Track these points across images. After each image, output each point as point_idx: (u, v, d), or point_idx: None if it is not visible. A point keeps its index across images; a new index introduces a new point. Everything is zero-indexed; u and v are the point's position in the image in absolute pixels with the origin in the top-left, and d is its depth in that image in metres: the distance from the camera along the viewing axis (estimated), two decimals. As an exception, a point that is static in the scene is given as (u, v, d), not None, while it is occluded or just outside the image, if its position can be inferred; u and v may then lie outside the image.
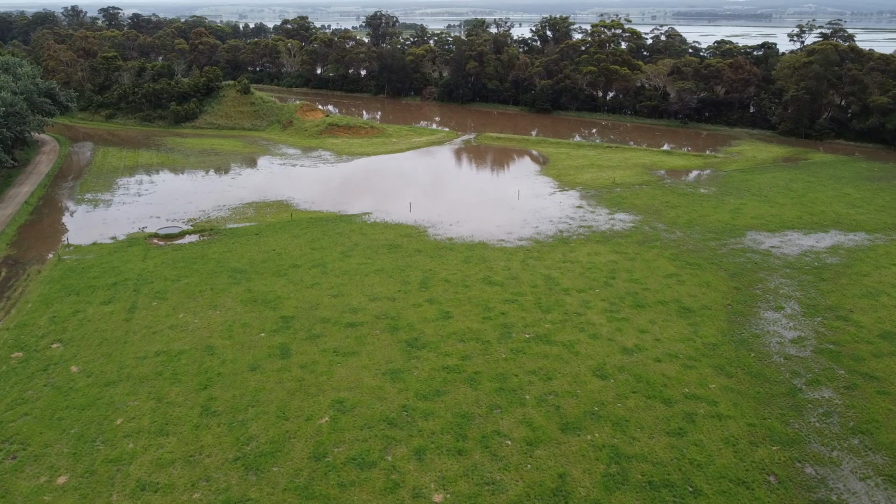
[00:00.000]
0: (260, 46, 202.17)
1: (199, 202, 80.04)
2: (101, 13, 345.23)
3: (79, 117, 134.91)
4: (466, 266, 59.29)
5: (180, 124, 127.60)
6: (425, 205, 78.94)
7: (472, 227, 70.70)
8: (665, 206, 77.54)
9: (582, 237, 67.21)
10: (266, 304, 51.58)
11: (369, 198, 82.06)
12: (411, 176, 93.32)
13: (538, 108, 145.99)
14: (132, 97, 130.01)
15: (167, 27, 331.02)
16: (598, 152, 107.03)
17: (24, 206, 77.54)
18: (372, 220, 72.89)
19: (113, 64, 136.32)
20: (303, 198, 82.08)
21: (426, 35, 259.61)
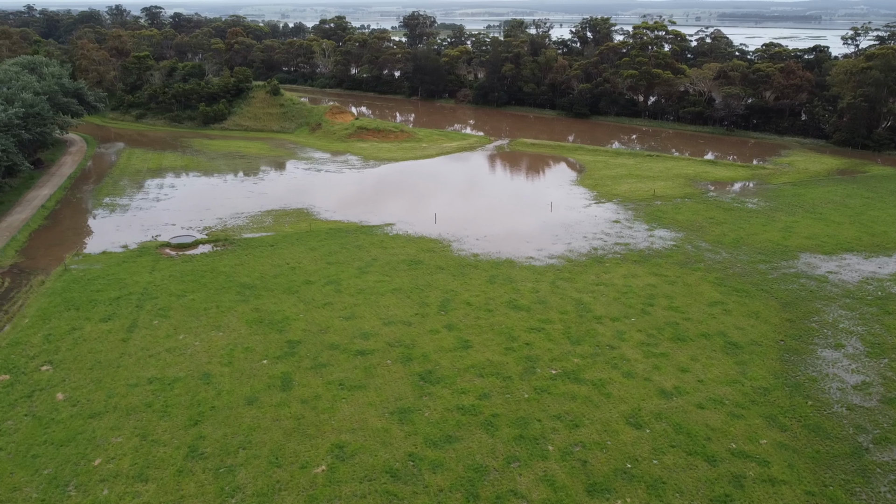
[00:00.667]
0: (294, 46, 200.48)
1: (218, 209, 77.12)
2: (144, 12, 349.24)
3: (109, 117, 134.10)
4: (491, 287, 54.92)
5: (209, 125, 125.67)
6: (451, 216, 74.76)
7: (500, 241, 66.28)
8: (709, 223, 72.02)
9: (618, 256, 62.25)
10: (273, 326, 47.95)
11: (393, 207, 78.19)
12: (439, 184, 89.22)
13: (575, 113, 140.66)
14: (162, 97, 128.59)
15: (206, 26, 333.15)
16: (637, 161, 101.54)
17: (41, 211, 75.55)
18: (394, 233, 68.97)
19: (144, 64, 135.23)
20: (324, 206, 78.60)
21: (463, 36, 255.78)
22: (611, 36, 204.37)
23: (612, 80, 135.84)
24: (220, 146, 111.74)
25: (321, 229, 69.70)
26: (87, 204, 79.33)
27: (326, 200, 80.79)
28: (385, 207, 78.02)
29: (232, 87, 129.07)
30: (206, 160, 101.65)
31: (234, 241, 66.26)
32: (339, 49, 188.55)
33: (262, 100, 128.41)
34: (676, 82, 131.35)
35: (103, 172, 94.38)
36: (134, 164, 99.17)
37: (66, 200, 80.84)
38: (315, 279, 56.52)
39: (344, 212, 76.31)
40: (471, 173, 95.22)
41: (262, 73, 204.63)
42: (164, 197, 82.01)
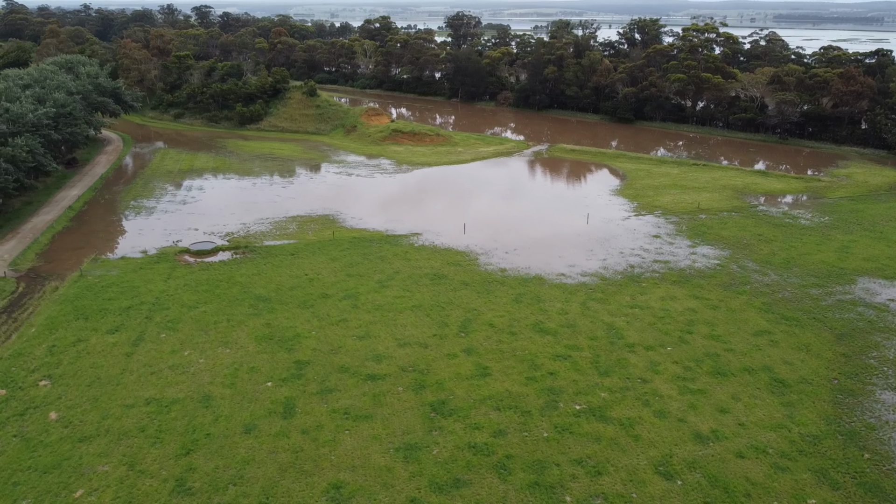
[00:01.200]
0: (336, 47, 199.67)
1: (243, 214, 75.39)
2: (194, 11, 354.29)
3: (149, 116, 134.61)
4: (517, 307, 51.50)
5: (245, 126, 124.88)
6: (482, 226, 71.49)
7: (530, 256, 62.76)
8: (757, 240, 67.14)
9: (656, 276, 58.08)
10: (282, 344, 45.48)
11: (422, 215, 75.30)
12: (471, 191, 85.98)
13: (619, 118, 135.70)
14: (200, 97, 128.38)
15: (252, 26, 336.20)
16: (682, 170, 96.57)
17: (67, 212, 74.94)
18: (420, 243, 66.04)
19: (184, 63, 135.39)
20: (351, 212, 76.18)
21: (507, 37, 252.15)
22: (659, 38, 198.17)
23: (659, 84, 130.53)
24: (254, 147, 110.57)
25: (345, 238, 67.20)
26: (115, 206, 78.50)
27: (354, 207, 78.35)
28: (413, 215, 75.17)
29: (269, 87, 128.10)
30: (238, 162, 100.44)
31: (254, 248, 64.24)
32: (381, 49, 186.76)
33: (299, 101, 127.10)
34: (727, 87, 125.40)
35: (135, 173, 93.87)
36: (166, 164, 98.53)
37: (94, 201, 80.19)
38: (332, 292, 53.94)
39: (370, 219, 73.73)
40: (505, 180, 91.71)
41: (304, 73, 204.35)
42: (192, 200, 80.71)
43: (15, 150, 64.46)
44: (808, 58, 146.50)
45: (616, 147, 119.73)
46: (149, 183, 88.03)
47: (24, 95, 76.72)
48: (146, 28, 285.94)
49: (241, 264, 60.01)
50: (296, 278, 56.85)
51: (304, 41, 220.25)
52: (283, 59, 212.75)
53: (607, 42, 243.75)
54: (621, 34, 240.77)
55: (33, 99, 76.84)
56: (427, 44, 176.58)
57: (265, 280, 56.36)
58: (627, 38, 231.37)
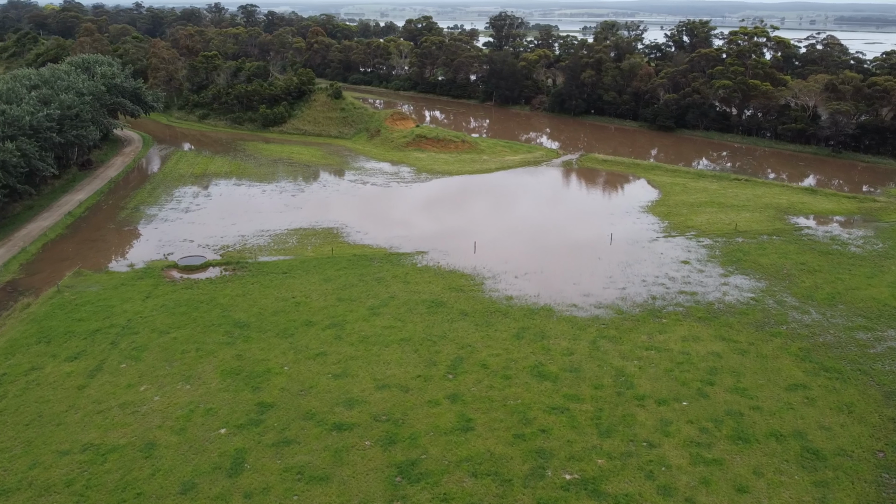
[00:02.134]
0: (371, 47, 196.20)
1: (244, 224, 71.64)
2: (240, 10, 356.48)
3: (175, 116, 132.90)
4: (517, 344, 46.10)
5: (268, 128, 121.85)
6: (494, 244, 66.14)
7: (542, 281, 57.17)
8: (800, 270, 60.13)
9: (679, 310, 51.87)
10: (249, 381, 41.06)
11: (431, 230, 70.32)
12: (490, 205, 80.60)
13: (659, 126, 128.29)
14: (225, 98, 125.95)
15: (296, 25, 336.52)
16: (721, 186, 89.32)
17: (66, 218, 72.35)
18: (423, 263, 61.05)
19: (212, 63, 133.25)
20: (358, 225, 71.70)
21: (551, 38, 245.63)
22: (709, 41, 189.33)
23: (703, 91, 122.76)
24: (273, 151, 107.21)
25: (345, 255, 62.68)
26: (116, 212, 75.65)
27: (362, 219, 73.88)
28: (422, 230, 70.24)
29: (294, 88, 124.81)
30: (253, 166, 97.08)
31: (246, 264, 60.21)
32: (415, 50, 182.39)
33: (323, 103, 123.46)
34: (776, 95, 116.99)
35: (146, 176, 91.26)
36: (180, 168, 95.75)
37: (97, 207, 77.53)
38: (318, 319, 49.39)
39: (376, 234, 69.09)
40: (528, 193, 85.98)
41: (339, 74, 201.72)
42: (195, 207, 77.39)
43: (5, 155, 61.82)
44: (868, 63, 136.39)
45: (655, 156, 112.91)
46: (157, 188, 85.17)
47: (29, 97, 74.43)
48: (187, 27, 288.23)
49: (227, 283, 55.98)
50: (282, 301, 52.50)
51: (341, 41, 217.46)
52: (320, 58, 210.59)
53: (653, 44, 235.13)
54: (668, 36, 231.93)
55: (38, 100, 74.48)
56: (463, 45, 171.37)
57: (249, 302, 52.16)
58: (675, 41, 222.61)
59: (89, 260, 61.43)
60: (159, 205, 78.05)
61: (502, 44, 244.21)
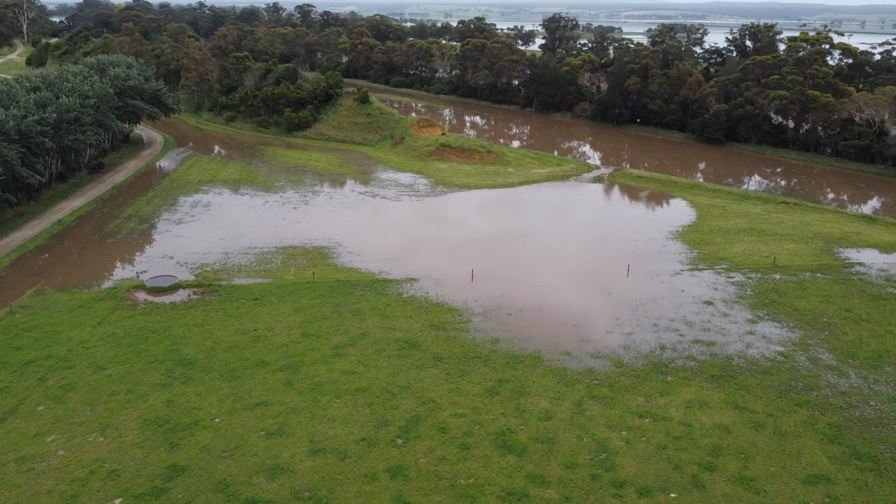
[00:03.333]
0: (414, 49, 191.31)
1: (233, 239, 67.28)
2: (297, 10, 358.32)
3: (204, 118, 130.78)
4: (489, 401, 39.76)
5: (292, 132, 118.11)
6: (495, 273, 59.73)
7: (538, 321, 50.56)
8: (843, 318, 51.66)
9: (690, 365, 44.47)
10: (170, 435, 36.04)
11: (429, 254, 64.36)
12: (501, 225, 74.08)
13: (707, 138, 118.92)
14: (251, 100, 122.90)
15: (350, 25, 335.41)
16: (766, 210, 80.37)
17: (53, 227, 69.44)
18: (410, 293, 55.15)
19: (242, 64, 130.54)
20: (352, 245, 66.37)
21: (606, 41, 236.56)
22: (774, 46, 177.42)
23: (756, 102, 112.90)
24: (290, 157, 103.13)
25: (327, 280, 57.33)
26: (106, 222, 72.39)
27: (358, 237, 68.51)
28: (419, 253, 64.35)
29: (320, 92, 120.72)
30: (264, 174, 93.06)
31: (218, 287, 55.53)
32: (454, 54, 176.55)
33: (349, 108, 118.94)
34: (838, 108, 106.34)
35: (152, 182, 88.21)
36: (191, 174, 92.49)
37: (90, 215, 74.51)
38: (272, 359, 44.14)
39: (368, 255, 63.57)
40: (547, 212, 78.99)
41: (382, 76, 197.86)
42: (189, 219, 73.50)
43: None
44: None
45: (703, 171, 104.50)
46: (158, 196, 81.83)
47: (26, 99, 71.93)
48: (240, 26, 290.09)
49: (189, 309, 51.33)
50: (241, 334, 47.48)
51: (385, 43, 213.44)
52: (364, 60, 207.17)
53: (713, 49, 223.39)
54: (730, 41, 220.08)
55: (35, 104, 71.91)
56: (505, 48, 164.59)
57: (204, 334, 47.33)
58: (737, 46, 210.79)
59: (57, 277, 57.87)
60: (153, 215, 74.50)
61: (555, 46, 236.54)
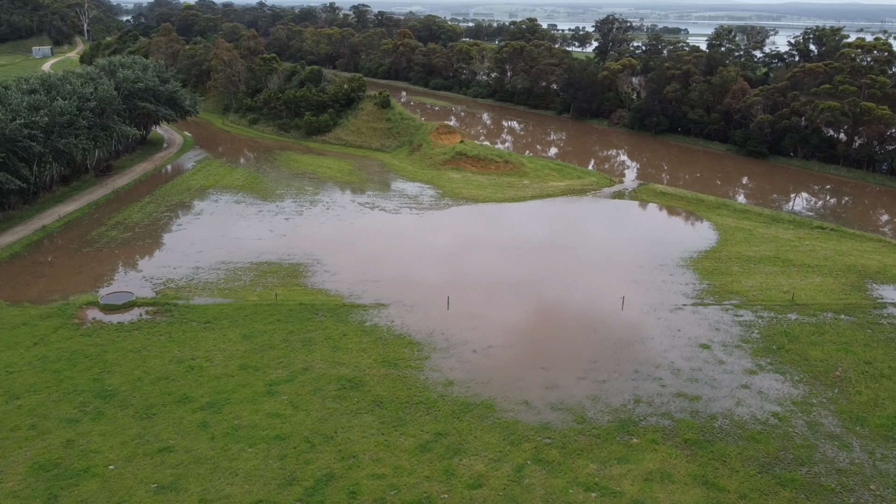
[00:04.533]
0: (454, 51, 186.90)
1: (210, 252, 64.37)
2: (353, 10, 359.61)
3: (230, 120, 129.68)
4: (417, 459, 35.08)
5: (311, 137, 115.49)
6: (474, 300, 54.82)
7: (504, 361, 45.51)
8: (861, 373, 44.67)
9: (663, 427, 38.62)
10: (52, 485, 32.74)
11: (408, 275, 59.83)
12: (498, 243, 68.88)
13: (750, 151, 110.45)
14: (274, 103, 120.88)
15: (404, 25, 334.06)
16: (797, 235, 72.67)
17: (35, 234, 68.09)
18: (373, 322, 50.80)
19: (269, 66, 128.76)
20: (332, 262, 62.48)
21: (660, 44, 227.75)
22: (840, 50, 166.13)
23: (804, 112, 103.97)
24: (302, 163, 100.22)
25: (290, 303, 53.50)
26: (91, 229, 70.59)
27: (340, 254, 64.56)
28: (397, 274, 59.87)
29: (342, 96, 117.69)
30: (271, 181, 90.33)
31: (174, 307, 52.41)
32: (492, 56, 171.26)
33: (370, 112, 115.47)
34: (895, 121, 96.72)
35: (153, 187, 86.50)
36: (195, 179, 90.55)
37: (78, 222, 72.94)
38: (197, 395, 40.52)
39: (345, 275, 59.50)
40: (551, 231, 73.28)
41: (422, 78, 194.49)
42: (176, 228, 71.12)
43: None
44: None
45: (742, 186, 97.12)
46: (154, 202, 79.89)
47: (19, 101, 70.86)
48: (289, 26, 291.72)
49: (132, 332, 48.31)
50: (175, 364, 44.08)
51: (427, 44, 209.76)
52: (405, 61, 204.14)
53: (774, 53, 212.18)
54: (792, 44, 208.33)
55: (28, 106, 70.80)
56: (543, 50, 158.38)
57: (137, 362, 44.12)
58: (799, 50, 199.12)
59: (17, 289, 55.89)
60: (140, 223, 72.36)
61: (608, 48, 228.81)
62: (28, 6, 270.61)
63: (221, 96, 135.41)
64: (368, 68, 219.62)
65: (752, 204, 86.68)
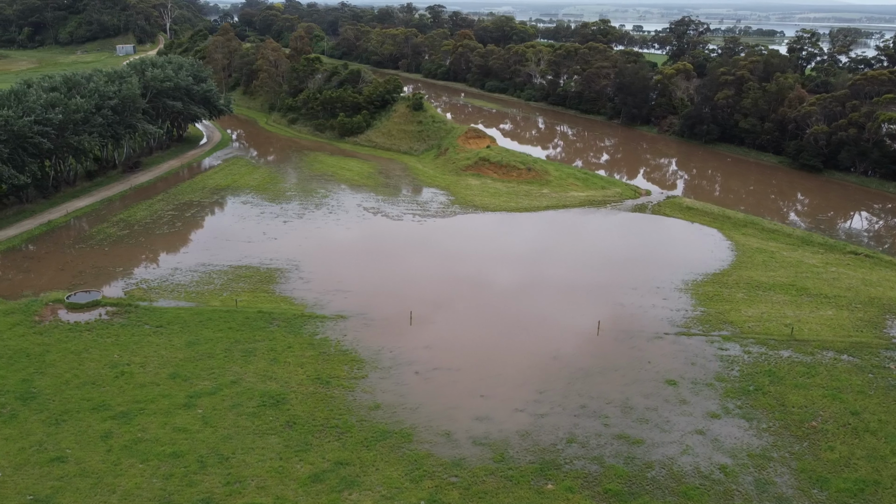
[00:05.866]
0: (511, 52, 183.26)
1: (194, 254, 64.46)
2: (428, 10, 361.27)
3: (272, 119, 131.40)
4: (304, 491, 33.13)
5: (344, 138, 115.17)
6: (441, 317, 52.32)
7: (444, 385, 42.92)
8: (842, 426, 39.35)
9: (587, 473, 34.95)
10: (-65, 488, 32.57)
11: (384, 286, 57.73)
12: (488, 258, 65.80)
13: (802, 164, 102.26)
14: (312, 103, 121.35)
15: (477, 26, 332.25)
16: (824, 261, 66.00)
17: (39, 227, 70.15)
18: (325, 335, 49.01)
19: (311, 66, 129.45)
20: (309, 269, 61.15)
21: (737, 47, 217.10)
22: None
23: (863, 124, 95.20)
24: (326, 165, 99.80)
25: (249, 310, 52.42)
26: (92, 225, 72.05)
27: (322, 261, 63.16)
28: (373, 285, 57.87)
29: (377, 97, 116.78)
30: (285, 182, 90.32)
31: (135, 308, 52.31)
32: (546, 59, 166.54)
33: (402, 115, 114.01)
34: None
35: (170, 185, 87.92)
36: (214, 178, 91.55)
37: (84, 217, 74.59)
38: (115, 403, 39.86)
39: (318, 283, 57.98)
40: (551, 245, 69.30)
41: (478, 80, 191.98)
42: (173, 229, 71.58)
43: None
44: None
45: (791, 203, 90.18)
46: (164, 200, 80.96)
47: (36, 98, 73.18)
48: (358, 26, 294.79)
49: (83, 333, 48.36)
50: (109, 368, 43.66)
51: (486, 45, 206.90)
52: (464, 62, 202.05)
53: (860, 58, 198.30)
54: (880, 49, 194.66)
55: (44, 104, 73.04)
56: (597, 53, 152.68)
57: (73, 364, 43.99)
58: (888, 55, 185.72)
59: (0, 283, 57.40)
60: (140, 222, 73.29)
61: (684, 51, 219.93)
62: (117, 6, 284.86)
63: (268, 95, 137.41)
64: (429, 69, 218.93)
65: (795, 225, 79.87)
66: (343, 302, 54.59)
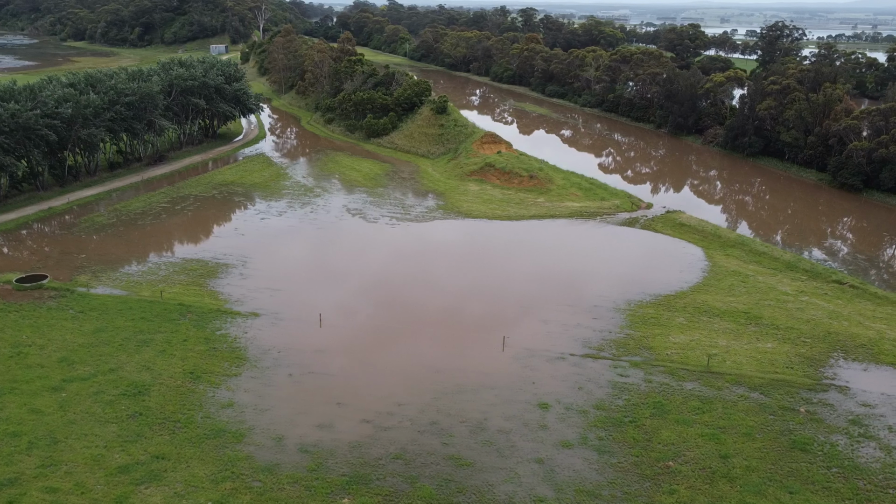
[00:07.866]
0: (571, 57, 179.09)
1: (159, 246, 67.50)
2: (520, 13, 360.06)
3: (312, 119, 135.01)
4: (105, 481, 34.23)
5: (370, 139, 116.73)
6: (349, 325, 52.18)
7: (308, 391, 42.98)
8: (700, 469, 36.06)
9: (389, 493, 33.95)
10: None
11: (314, 288, 58.18)
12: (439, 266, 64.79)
13: (841, 183, 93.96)
14: (346, 104, 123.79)
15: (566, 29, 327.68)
16: (798, 289, 60.32)
17: (39, 213, 75.77)
18: (227, 331, 50.08)
19: (352, 68, 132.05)
20: (256, 265, 62.65)
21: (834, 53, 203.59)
22: None
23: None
24: (339, 165, 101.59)
25: (171, 302, 54.34)
26: (85, 214, 76.85)
27: (271, 259, 64.47)
28: (304, 286, 58.48)
29: (404, 100, 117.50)
30: (288, 180, 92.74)
31: (70, 294, 55.48)
32: (603, 64, 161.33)
33: (425, 118, 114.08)
34: None
35: (183, 178, 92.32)
36: (225, 174, 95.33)
37: (83, 206, 79.57)
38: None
39: (254, 281, 59.27)
40: (509, 256, 67.22)
41: (541, 84, 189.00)
42: (155, 221, 75.14)
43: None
44: None
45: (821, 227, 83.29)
46: (166, 195, 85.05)
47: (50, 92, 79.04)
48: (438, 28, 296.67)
49: (8, 314, 51.76)
50: (10, 348, 46.60)
51: (553, 49, 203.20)
52: (529, 66, 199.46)
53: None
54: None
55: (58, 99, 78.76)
56: (651, 58, 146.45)
57: (-18, 342, 47.25)
58: None
59: (-30, 263, 62.37)
60: (129, 213, 77.39)
61: (775, 58, 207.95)
62: (217, 8, 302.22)
63: (315, 95, 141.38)
64: (496, 72, 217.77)
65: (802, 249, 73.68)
66: (266, 300, 55.50)
